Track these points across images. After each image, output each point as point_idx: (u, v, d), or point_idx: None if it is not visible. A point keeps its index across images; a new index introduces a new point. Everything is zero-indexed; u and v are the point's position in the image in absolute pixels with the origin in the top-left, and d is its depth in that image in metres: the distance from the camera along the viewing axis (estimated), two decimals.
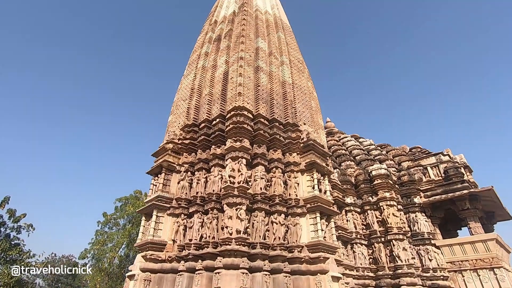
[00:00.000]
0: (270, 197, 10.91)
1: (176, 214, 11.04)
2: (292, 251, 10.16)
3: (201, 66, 15.25)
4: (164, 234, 10.62)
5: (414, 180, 17.73)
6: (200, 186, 11.31)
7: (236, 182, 10.45)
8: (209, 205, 10.38)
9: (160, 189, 11.22)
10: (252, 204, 10.45)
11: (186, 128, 12.95)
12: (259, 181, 10.88)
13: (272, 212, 10.65)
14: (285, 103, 13.68)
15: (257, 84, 13.54)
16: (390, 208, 15.92)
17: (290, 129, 12.71)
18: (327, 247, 10.16)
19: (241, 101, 12.20)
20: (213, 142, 11.95)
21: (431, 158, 18.63)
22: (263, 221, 10.17)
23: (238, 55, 14.08)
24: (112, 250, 31.18)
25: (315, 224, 10.58)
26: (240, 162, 10.83)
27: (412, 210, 17.03)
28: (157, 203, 10.79)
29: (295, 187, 11.53)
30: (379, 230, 15.98)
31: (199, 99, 14.03)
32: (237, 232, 9.39)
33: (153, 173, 12.27)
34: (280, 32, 17.16)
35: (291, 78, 15.05)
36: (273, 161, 11.68)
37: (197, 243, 9.89)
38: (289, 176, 11.65)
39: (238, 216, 9.71)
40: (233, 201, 9.91)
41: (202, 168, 11.65)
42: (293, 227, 10.61)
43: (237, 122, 11.51)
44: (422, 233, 16.20)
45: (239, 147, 11.04)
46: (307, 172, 11.85)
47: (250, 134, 11.71)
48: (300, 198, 11.28)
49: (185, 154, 12.41)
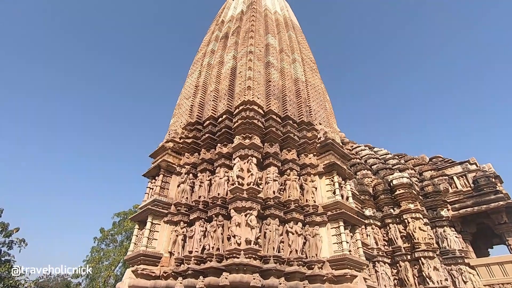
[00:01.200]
0: (284, 202, 9.34)
1: (174, 221, 9.47)
2: (311, 267, 8.47)
3: (206, 63, 14.14)
4: (160, 245, 9.01)
5: (439, 190, 16.01)
6: (203, 189, 9.80)
7: (245, 184, 8.95)
8: (213, 210, 8.82)
9: (157, 193, 9.72)
10: (264, 210, 8.89)
11: (189, 127, 11.61)
12: (271, 184, 9.35)
13: (287, 220, 9.06)
14: (298, 100, 12.37)
15: (268, 80, 12.30)
16: (416, 221, 14.13)
17: (305, 128, 11.30)
18: (354, 262, 8.47)
19: (250, 95, 10.90)
20: (219, 140, 10.55)
21: (456, 167, 16.98)
22: (277, 230, 8.55)
23: (247, 49, 12.96)
24: (107, 269, 29.21)
25: (338, 235, 8.93)
26: (250, 161, 9.37)
27: (440, 224, 15.21)
28: (153, 208, 9.25)
29: (313, 192, 9.97)
30: (403, 246, 14.13)
31: (204, 96, 12.78)
32: (247, 242, 7.78)
33: (150, 175, 10.81)
34: (290, 31, 16.17)
35: (304, 76, 13.83)
36: (287, 162, 10.20)
37: (199, 255, 8.26)
38: (305, 180, 10.11)
39: (248, 223, 8.13)
40: (242, 205, 8.36)
41: (206, 170, 10.18)
42: (312, 239, 8.96)
43: (246, 117, 10.15)
44: (453, 251, 14.29)
45: (249, 144, 9.62)
46: (326, 175, 10.32)
47: (260, 131, 10.31)
48: (319, 205, 9.70)
49: (187, 155, 10.98)
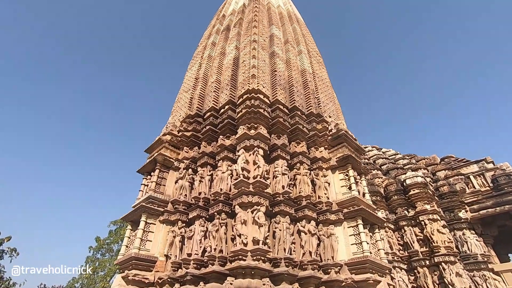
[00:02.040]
0: (295, 199, 8.34)
1: (171, 221, 8.43)
2: (327, 271, 7.41)
3: (207, 55, 13.32)
4: (155, 247, 7.94)
5: (456, 191, 14.99)
6: (203, 185, 8.79)
7: (251, 177, 7.96)
8: (215, 207, 7.80)
9: (152, 189, 8.71)
10: (272, 207, 7.88)
11: (188, 119, 10.67)
12: (280, 178, 8.36)
13: (298, 218, 8.04)
14: (306, 92, 11.48)
15: (273, 70, 11.45)
16: (434, 223, 13.06)
17: (314, 119, 10.38)
18: (377, 266, 7.41)
19: (255, 83, 10.02)
20: (221, 132, 9.60)
21: (472, 166, 16.01)
22: (287, 229, 7.52)
23: (250, 38, 12.15)
24: (102, 280, 27.86)
25: (357, 235, 7.89)
26: (256, 153, 8.40)
27: (458, 226, 14.12)
28: (147, 206, 8.23)
29: (325, 187, 8.97)
30: (421, 250, 13.01)
31: (204, 88, 11.90)
32: (254, 242, 6.75)
33: (145, 171, 9.81)
34: (295, 24, 15.44)
35: (311, 68, 13.00)
36: (296, 155, 9.23)
37: (199, 259, 7.20)
38: (317, 175, 9.12)
39: (255, 221, 7.11)
40: (248, 200, 7.36)
41: (207, 164, 9.20)
42: (327, 239, 7.92)
43: (251, 106, 9.23)
44: (474, 255, 13.17)
45: (255, 134, 8.67)
46: (340, 170, 9.34)
47: (267, 122, 9.38)
48: (333, 202, 8.69)
49: (186, 148, 10.01)
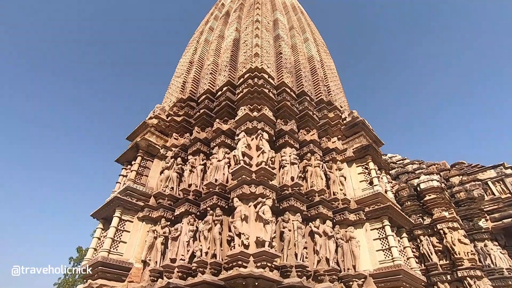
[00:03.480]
0: (305, 194, 6.83)
1: (153, 218, 6.81)
2: (349, 283, 5.86)
3: (203, 39, 11.99)
4: (130, 251, 6.28)
5: (473, 197, 13.63)
6: (195, 176, 7.23)
7: (254, 165, 6.47)
8: (209, 201, 6.23)
9: (132, 179, 7.12)
10: (279, 202, 6.36)
11: (180, 103, 9.20)
12: (288, 169, 6.88)
13: (311, 217, 6.52)
14: (315, 78, 10.17)
15: (278, 52, 10.14)
16: (454, 232, 11.58)
17: (325, 107, 9.01)
18: (410, 277, 5.88)
19: (258, 62, 8.66)
20: (218, 115, 8.14)
21: (489, 171, 14.74)
22: (299, 230, 5.97)
23: (253, 19, 10.89)
24: None
25: (383, 239, 6.38)
26: (260, 136, 6.94)
27: (479, 237, 12.67)
28: (124, 198, 6.61)
29: (341, 182, 7.50)
30: (440, 264, 11.46)
31: (200, 72, 10.49)
32: (259, 243, 5.19)
33: (125, 159, 8.22)
34: (299, 14, 14.34)
35: (319, 56, 11.76)
36: (306, 143, 7.78)
37: (185, 265, 5.57)
38: (330, 168, 7.66)
39: (260, 216, 5.57)
40: (251, 191, 5.83)
41: (200, 152, 7.67)
42: (346, 244, 6.38)
43: (254, 85, 7.84)
44: (500, 270, 11.66)
45: (259, 115, 7.23)
46: (358, 162, 7.91)
47: (272, 104, 7.97)
48: (351, 199, 7.22)
49: (175, 135, 8.49)
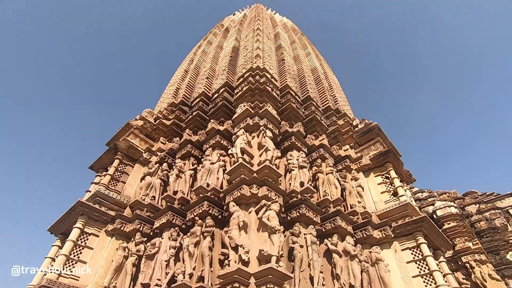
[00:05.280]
0: (318, 204, 5.52)
1: (125, 233, 5.35)
2: None
3: (201, 51, 11.39)
4: (89, 273, 4.72)
5: (496, 227, 12.22)
6: (182, 182, 5.94)
7: (255, 164, 5.26)
8: (197, 209, 4.89)
9: (104, 184, 5.78)
10: (287, 211, 5.04)
11: (171, 107, 8.18)
12: (296, 173, 5.68)
13: (327, 232, 5.18)
14: (319, 87, 9.38)
15: (281, 59, 9.46)
16: (483, 266, 10.00)
17: (333, 114, 8.06)
18: None
19: (260, 62, 7.86)
20: (213, 116, 7.09)
21: (508, 199, 13.47)
22: (314, 245, 4.59)
23: (254, 27, 10.39)
24: None
25: (420, 262, 5.01)
26: (263, 133, 5.83)
27: (509, 273, 11.00)
28: (90, 205, 5.21)
29: (358, 193, 6.26)
30: None
31: (195, 78, 9.65)
32: (262, 258, 3.84)
33: (101, 166, 6.90)
34: (299, 34, 14.10)
35: (322, 68, 11.13)
36: (316, 148, 6.66)
37: None
38: (344, 177, 6.46)
39: (264, 224, 4.25)
40: (252, 192, 4.58)
41: (190, 155, 6.45)
42: (372, 268, 4.96)
43: (256, 82, 6.93)
44: None
45: (262, 112, 6.20)
46: (376, 171, 6.75)
47: (275, 103, 7.00)
48: (372, 213, 5.90)
49: (163, 139, 7.32)
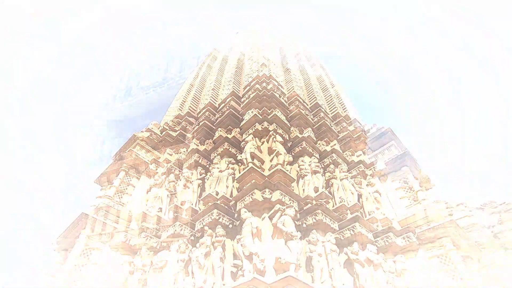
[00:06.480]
0: (335, 210, 5.19)
1: (130, 247, 5.07)
2: None
3: (206, 65, 11.46)
4: None
5: None
6: (190, 192, 5.70)
7: (266, 169, 5.01)
8: (207, 218, 4.65)
9: (109, 196, 5.56)
10: (302, 218, 4.73)
11: (177, 119, 8.06)
12: (310, 179, 5.42)
13: (346, 241, 4.80)
14: (327, 95, 9.25)
15: (286, 69, 9.43)
16: None
17: (343, 120, 7.84)
18: None
19: (267, 71, 7.80)
20: (221, 125, 6.92)
21: None
22: (333, 254, 4.24)
23: (258, 43, 10.46)
24: None
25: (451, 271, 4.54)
26: (273, 138, 5.62)
27: None
28: (94, 217, 4.96)
29: (376, 199, 5.91)
30: None
31: (200, 91, 9.62)
32: (279, 267, 3.51)
33: (106, 179, 6.70)
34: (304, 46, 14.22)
35: (328, 77, 11.06)
36: (328, 154, 6.41)
37: None
38: (359, 183, 6.14)
39: (279, 230, 3.96)
40: (264, 197, 4.32)
41: (198, 165, 6.23)
42: (398, 279, 4.52)
43: (263, 89, 6.83)
44: None
45: (270, 117, 6.03)
46: (394, 176, 6.43)
47: (284, 110, 6.84)
48: (392, 220, 5.53)
49: (169, 150, 7.14)
